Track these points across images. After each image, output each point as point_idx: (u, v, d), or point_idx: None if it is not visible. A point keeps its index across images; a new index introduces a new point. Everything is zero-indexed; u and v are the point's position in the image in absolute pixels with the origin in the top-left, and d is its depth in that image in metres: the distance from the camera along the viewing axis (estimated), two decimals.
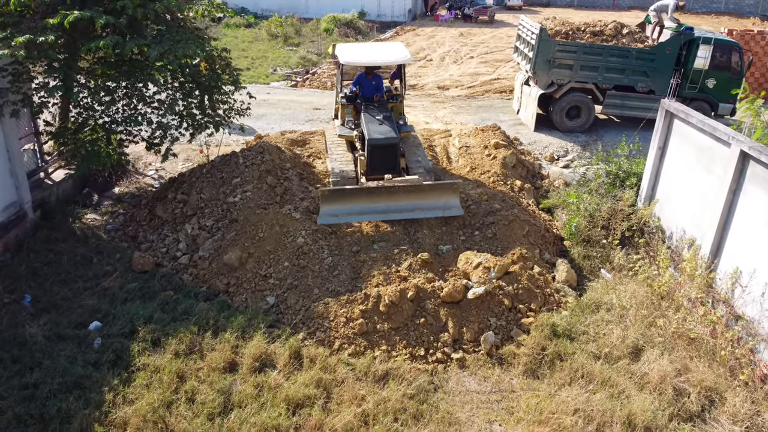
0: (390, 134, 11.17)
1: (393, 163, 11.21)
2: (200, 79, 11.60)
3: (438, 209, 10.73)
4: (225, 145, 14.85)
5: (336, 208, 10.61)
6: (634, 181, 11.21)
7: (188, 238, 10.62)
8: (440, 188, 10.79)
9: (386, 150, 11.12)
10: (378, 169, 11.04)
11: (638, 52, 15.96)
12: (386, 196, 10.61)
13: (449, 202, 10.76)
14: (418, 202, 10.66)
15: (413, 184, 10.64)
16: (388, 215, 10.68)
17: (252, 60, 27.74)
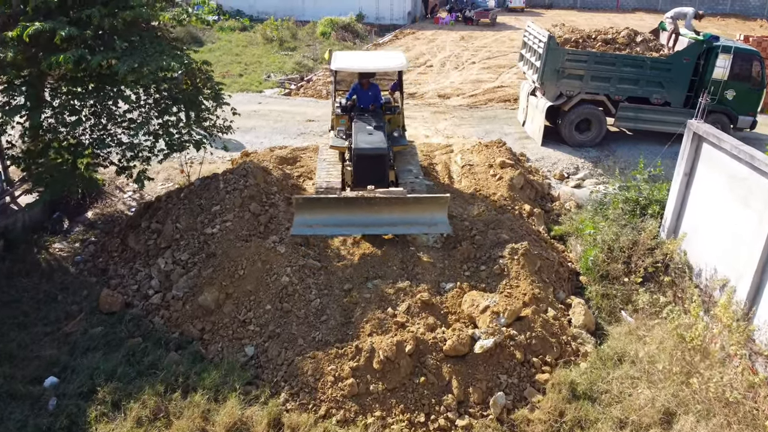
0: (378, 144, 10.47)
1: (381, 175, 10.43)
2: (177, 94, 10.53)
3: (423, 225, 9.87)
4: (209, 163, 13.77)
5: (311, 218, 9.78)
6: (657, 210, 10.13)
7: (161, 274, 9.54)
8: (426, 202, 9.93)
9: (373, 161, 10.38)
10: (364, 181, 10.28)
11: (653, 61, 14.88)
12: (367, 208, 9.79)
13: (436, 218, 9.87)
14: (401, 216, 9.83)
15: (396, 196, 9.79)
16: (369, 229, 9.88)
17: (245, 66, 26.68)
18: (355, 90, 12.13)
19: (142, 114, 10.21)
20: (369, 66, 11.79)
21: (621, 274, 9.53)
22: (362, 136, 10.73)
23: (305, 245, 9.76)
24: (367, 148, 10.43)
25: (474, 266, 9.65)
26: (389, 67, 11.89)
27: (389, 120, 12.08)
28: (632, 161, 14.82)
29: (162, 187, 12.99)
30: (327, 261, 9.62)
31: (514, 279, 9.18)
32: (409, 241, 10.23)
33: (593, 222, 10.87)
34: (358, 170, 10.46)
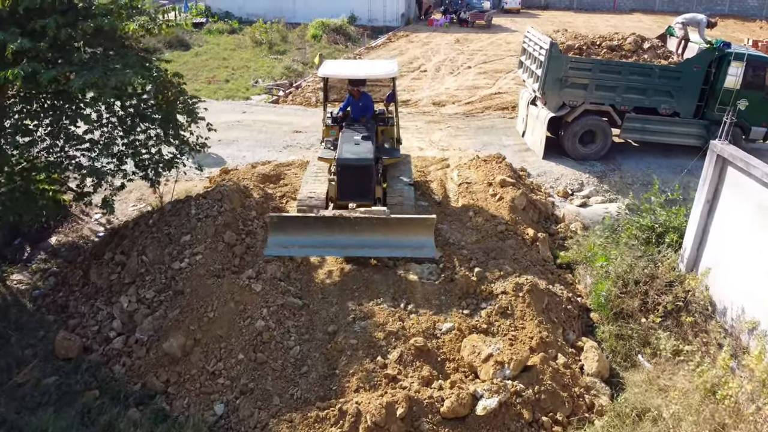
0: (363, 155, 9.74)
1: (366, 189, 9.77)
2: (145, 110, 9.52)
3: (408, 248, 9.17)
4: (186, 180, 12.75)
5: (287, 238, 9.19)
6: (675, 238, 9.17)
7: (124, 315, 8.53)
8: (411, 223, 9.20)
9: (357, 173, 9.70)
10: (348, 195, 9.71)
11: (662, 69, 13.94)
12: (347, 229, 9.12)
13: (422, 241, 9.17)
14: (383, 238, 9.15)
15: (378, 216, 9.08)
16: (348, 251, 9.21)
17: (232, 71, 25.66)
18: (348, 101, 11.49)
19: (104, 134, 9.16)
20: (358, 73, 11.03)
21: (636, 311, 8.57)
22: (348, 147, 10.02)
23: (285, 280, 8.77)
24: (350, 158, 9.69)
25: (474, 302, 8.67)
26: (379, 74, 11.14)
27: (382, 131, 11.39)
28: (640, 176, 13.93)
29: (134, 209, 11.97)
30: (309, 297, 8.63)
31: (520, 319, 8.21)
32: (400, 273, 9.26)
33: (603, 248, 9.92)
34: (342, 183, 9.78)
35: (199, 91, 21.80)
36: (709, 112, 14.32)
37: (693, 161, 11.44)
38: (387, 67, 11.26)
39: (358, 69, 11.21)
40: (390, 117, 11.71)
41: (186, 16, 37.40)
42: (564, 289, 9.23)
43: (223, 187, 9.88)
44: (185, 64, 26.58)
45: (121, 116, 9.29)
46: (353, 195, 9.72)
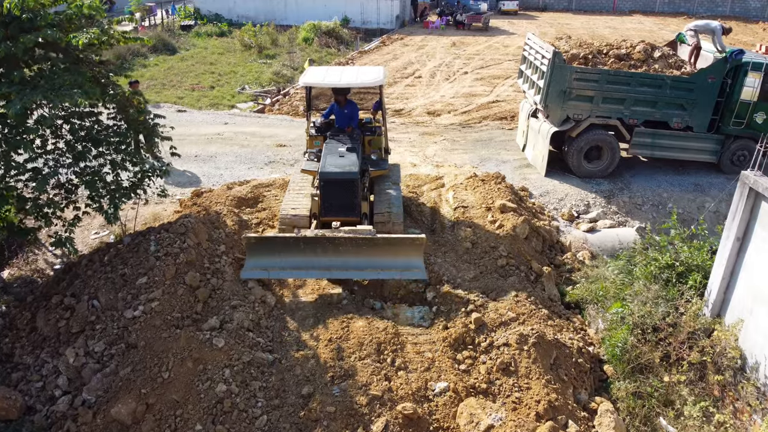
0: (347, 168, 9.18)
1: (351, 204, 9.26)
2: (99, 134, 8.41)
3: (395, 270, 8.62)
4: (155, 203, 11.63)
5: (266, 260, 8.70)
6: (698, 279, 8.09)
7: (70, 370, 7.42)
8: (399, 244, 8.64)
9: (342, 186, 9.18)
10: (332, 210, 9.27)
11: (674, 80, 12.85)
12: (331, 250, 8.63)
13: (410, 262, 8.63)
14: (370, 259, 8.65)
15: (364, 236, 8.54)
16: (333, 273, 8.75)
17: (219, 76, 24.55)
18: (332, 110, 10.83)
19: (48, 162, 8.03)
20: (342, 81, 10.18)
21: (656, 365, 7.50)
22: (332, 159, 9.45)
23: (254, 329, 7.66)
24: (334, 172, 9.13)
25: (472, 355, 7.58)
26: (364, 82, 10.21)
27: (369, 141, 10.73)
28: (650, 195, 12.89)
29: (96, 237, 10.84)
30: (282, 350, 7.53)
31: (524, 378, 7.13)
32: (389, 318, 8.18)
33: (616, 286, 8.85)
34: (326, 197, 9.25)
35: (182, 99, 20.74)
36: (724, 127, 13.25)
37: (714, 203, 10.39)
38: (373, 74, 10.39)
39: (342, 77, 10.32)
40: (378, 126, 10.89)
41: (173, 19, 36.47)
42: (573, 336, 8.14)
43: (187, 218, 8.76)
44: (170, 69, 25.46)
45: (70, 141, 8.16)
46: (338, 211, 9.22)
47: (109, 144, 8.54)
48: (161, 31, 31.97)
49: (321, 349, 7.50)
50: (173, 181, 12.57)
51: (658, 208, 12.65)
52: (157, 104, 19.34)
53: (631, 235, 11.20)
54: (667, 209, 12.52)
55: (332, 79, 10.26)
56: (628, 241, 10.98)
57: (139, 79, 23.22)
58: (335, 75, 10.52)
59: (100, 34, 7.85)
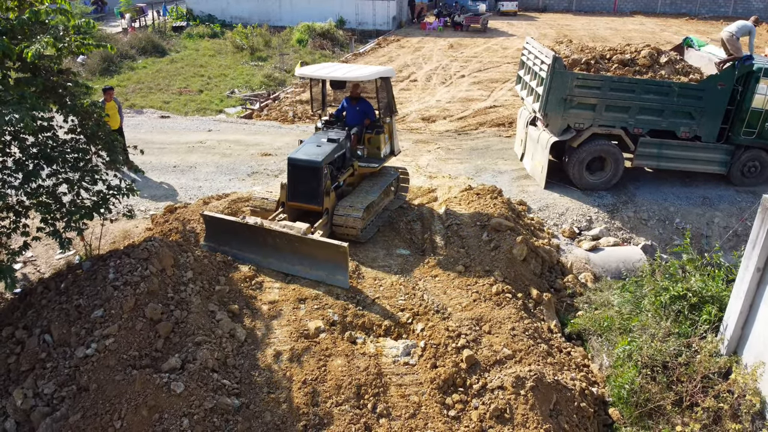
0: (313, 157, 9.43)
1: (313, 192, 9.52)
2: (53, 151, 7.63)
3: (321, 272, 8.69)
4: (127, 219, 10.84)
5: (219, 238, 9.34)
6: (713, 312, 7.31)
7: (18, 413, 6.66)
8: (324, 248, 8.62)
9: (305, 174, 9.45)
10: (297, 197, 9.66)
11: (681, 87, 12.08)
12: (269, 241, 8.96)
13: (335, 269, 8.60)
14: (300, 256, 8.84)
15: (294, 233, 8.71)
16: (268, 263, 9.02)
17: (208, 80, 23.79)
18: (344, 105, 10.89)
19: None
20: (335, 74, 10.10)
21: (669, 410, 6.73)
22: (307, 147, 9.79)
23: (220, 369, 6.88)
24: (299, 159, 9.48)
25: (463, 399, 6.81)
26: (356, 76, 10.06)
27: (368, 139, 10.76)
28: (656, 210, 12.13)
29: (60, 257, 10.06)
30: (251, 393, 6.74)
31: (521, 427, 6.36)
32: (371, 353, 7.41)
33: (621, 315, 8.09)
34: (291, 183, 9.64)
35: (168, 104, 19.97)
36: (734, 136, 12.48)
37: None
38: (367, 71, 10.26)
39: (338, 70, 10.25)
40: (381, 125, 10.74)
41: (164, 20, 35.68)
42: (576, 376, 7.36)
43: (151, 242, 7.96)
44: (158, 72, 24.71)
45: (19, 159, 7.38)
46: (301, 197, 9.59)
47: (65, 161, 7.76)
48: (151, 32, 31.20)
49: (294, 392, 6.73)
50: (148, 195, 11.82)
51: (664, 224, 11.89)
52: (141, 110, 18.58)
53: (637, 255, 10.45)
54: (675, 225, 11.78)
55: (326, 72, 10.17)
56: (634, 262, 10.24)
57: (125, 82, 22.54)
58: (330, 68, 10.45)
59: (55, 42, 7.06)
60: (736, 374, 6.58)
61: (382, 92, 10.69)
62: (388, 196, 11.06)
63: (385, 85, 10.56)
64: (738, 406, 6.45)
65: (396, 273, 9.10)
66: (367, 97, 10.92)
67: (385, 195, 10.87)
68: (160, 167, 13.24)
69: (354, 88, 10.64)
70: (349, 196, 10.03)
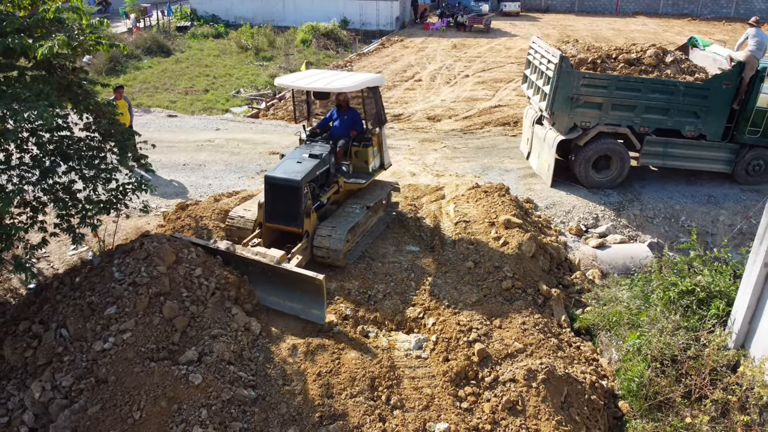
0: (292, 175, 8.79)
1: (293, 213, 8.86)
2: (69, 148, 7.74)
3: (296, 305, 7.95)
4: (138, 216, 10.97)
5: None
6: (721, 307, 7.42)
7: (36, 406, 6.77)
8: (299, 280, 7.85)
9: (284, 193, 8.82)
10: (275, 218, 8.98)
11: (687, 87, 12.19)
12: (242, 267, 8.25)
13: (311, 303, 7.81)
14: (274, 287, 8.12)
15: (267, 263, 8.06)
16: None
17: (213, 79, 23.90)
18: (332, 114, 10.43)
19: (11, 179, 7.36)
20: (315, 85, 9.47)
21: (676, 401, 6.83)
22: (286, 164, 9.16)
23: (236, 362, 6.99)
24: (277, 177, 8.85)
25: (475, 392, 6.92)
26: (337, 87, 9.40)
27: (356, 152, 10.15)
28: (662, 208, 12.23)
29: (73, 254, 10.19)
30: (266, 385, 6.85)
31: (532, 418, 6.47)
32: (384, 347, 7.52)
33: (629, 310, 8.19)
34: (268, 203, 8.99)
35: (174, 104, 20.09)
36: (739, 135, 12.58)
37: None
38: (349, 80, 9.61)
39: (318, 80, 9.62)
40: (369, 137, 10.16)
41: (169, 20, 35.81)
42: (586, 369, 7.46)
43: (150, 239, 7.95)
44: (164, 72, 24.84)
45: (36, 156, 7.49)
46: (280, 218, 8.95)
47: (81, 158, 7.87)
48: (156, 32, 31.33)
49: (309, 385, 6.84)
50: (159, 192, 11.92)
51: (670, 221, 11.99)
52: (148, 109, 18.70)
53: (644, 252, 10.55)
54: (680, 223, 11.88)
55: (306, 82, 9.60)
56: (641, 258, 10.34)
57: (131, 82, 22.66)
58: (310, 78, 9.86)
59: (68, 40, 7.15)
60: (744, 367, 6.68)
61: (369, 102, 10.09)
62: (377, 213, 10.44)
63: (372, 94, 10.03)
64: (746, 398, 6.55)
65: (406, 269, 9.21)
66: (356, 105, 10.39)
67: (374, 213, 10.23)
68: (170, 165, 13.35)
69: (339, 96, 10.00)
70: (332, 218, 9.39)
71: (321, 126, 10.50)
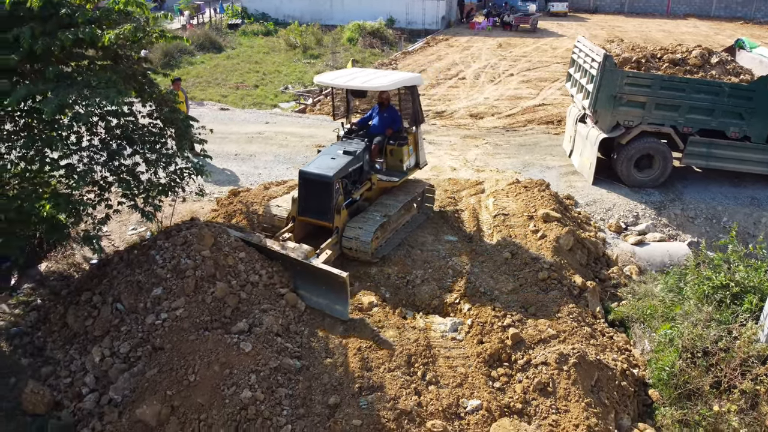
0: (324, 171, 8.99)
1: (324, 207, 9.08)
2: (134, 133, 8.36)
3: (321, 301, 8.14)
4: (193, 200, 11.63)
5: None
6: (754, 301, 7.53)
7: (96, 369, 7.37)
8: (325, 276, 8.03)
9: (316, 188, 9.05)
10: (308, 211, 9.26)
11: (732, 88, 12.14)
12: (276, 259, 8.53)
13: (336, 299, 7.99)
14: (303, 282, 8.33)
15: (295, 257, 8.29)
16: None
17: (263, 76, 24.69)
18: (372, 112, 10.61)
19: (82, 159, 8.01)
20: (352, 83, 9.69)
21: (706, 392, 6.99)
22: (320, 160, 9.40)
23: (283, 334, 7.47)
24: (310, 172, 9.08)
25: (507, 373, 7.23)
26: (376, 85, 9.59)
27: (391, 151, 10.28)
28: (704, 208, 12.22)
29: (132, 233, 10.89)
30: (310, 357, 7.31)
31: (563, 400, 6.74)
32: (421, 328, 7.89)
33: (664, 304, 8.34)
34: (301, 197, 9.28)
35: (226, 98, 20.91)
36: None
37: None
38: (385, 79, 9.83)
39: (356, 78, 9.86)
40: (404, 136, 10.31)
41: (221, 18, 36.94)
42: (617, 357, 7.68)
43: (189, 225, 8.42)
44: (216, 67, 25.77)
45: (105, 138, 8.13)
46: (312, 212, 9.23)
47: (144, 143, 8.49)
48: (209, 29, 32.39)
49: (350, 358, 7.26)
50: (212, 180, 12.53)
51: (711, 222, 11.98)
52: (201, 102, 19.52)
53: (683, 251, 10.62)
54: (722, 224, 11.87)
55: (343, 81, 9.89)
56: (679, 257, 10.41)
57: (185, 76, 23.59)
58: (349, 76, 10.15)
59: (134, 31, 7.73)
60: None
61: (407, 101, 10.24)
62: (410, 211, 10.55)
63: (410, 93, 10.17)
64: None
65: (444, 257, 9.54)
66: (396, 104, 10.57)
67: (406, 211, 10.35)
68: (222, 155, 14.01)
69: (381, 94, 10.09)
70: (363, 214, 9.54)
71: (360, 123, 10.68)
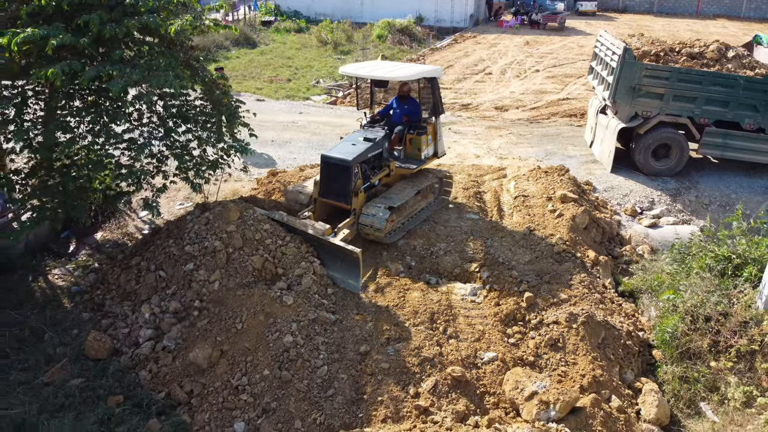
0: (344, 155, 9.56)
1: (343, 190, 9.64)
2: (188, 112, 9.28)
3: (337, 275, 8.84)
4: (235, 180, 12.56)
5: None
6: (753, 272, 8.13)
7: (148, 323, 8.27)
8: (340, 251, 8.73)
9: (336, 171, 9.61)
10: (328, 193, 9.86)
11: (747, 81, 12.63)
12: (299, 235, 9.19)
13: (349, 273, 8.72)
14: (321, 256, 9.02)
15: (313, 234, 8.99)
16: None
17: (295, 70, 25.60)
18: (392, 103, 11.04)
19: (143, 134, 8.96)
20: (374, 73, 10.24)
21: (705, 351, 7.63)
22: (341, 145, 10.01)
23: (320, 293, 8.31)
24: (331, 156, 9.69)
25: (522, 331, 7.96)
26: (398, 76, 10.14)
27: (410, 140, 10.72)
28: (718, 196, 12.75)
29: (180, 208, 11.85)
30: (343, 312, 8.15)
31: (571, 354, 7.45)
32: (442, 291, 8.66)
33: (672, 277, 8.97)
34: (323, 179, 9.89)
35: (261, 90, 21.86)
36: None
37: None
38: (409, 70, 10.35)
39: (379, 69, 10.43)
40: (424, 126, 10.77)
41: (255, 15, 38.10)
42: (624, 321, 8.35)
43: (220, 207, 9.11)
44: (250, 62, 26.77)
45: (162, 116, 9.07)
46: (332, 194, 9.79)
47: (197, 122, 9.40)
48: (243, 25, 33.50)
49: (379, 314, 8.07)
50: (252, 162, 13.49)
51: (725, 209, 12.49)
52: (238, 93, 20.50)
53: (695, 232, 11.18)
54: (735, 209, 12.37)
55: (367, 71, 10.45)
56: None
57: None
58: (372, 67, 10.77)
59: (193, 21, 8.65)
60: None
61: (427, 93, 10.58)
62: (426, 198, 10.90)
63: (431, 85, 10.48)
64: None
65: (466, 232, 10.28)
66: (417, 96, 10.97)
67: (422, 197, 10.75)
68: (260, 141, 14.82)
69: (402, 86, 10.55)
70: (380, 197, 10.01)
71: (382, 114, 11.12)
